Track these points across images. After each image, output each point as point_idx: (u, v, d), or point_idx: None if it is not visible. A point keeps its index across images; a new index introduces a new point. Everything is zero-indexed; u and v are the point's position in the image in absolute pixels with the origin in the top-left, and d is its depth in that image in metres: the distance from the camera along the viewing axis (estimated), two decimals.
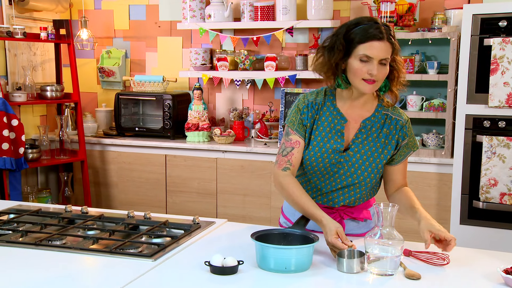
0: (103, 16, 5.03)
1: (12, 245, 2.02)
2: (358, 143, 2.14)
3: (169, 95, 4.49)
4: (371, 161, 2.14)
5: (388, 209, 1.85)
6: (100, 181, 4.62)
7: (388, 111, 2.16)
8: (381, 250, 1.83)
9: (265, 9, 4.32)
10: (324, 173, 2.16)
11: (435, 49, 3.99)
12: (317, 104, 2.17)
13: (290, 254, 1.84)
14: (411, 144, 2.19)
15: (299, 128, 2.17)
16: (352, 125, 2.15)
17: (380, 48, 1.99)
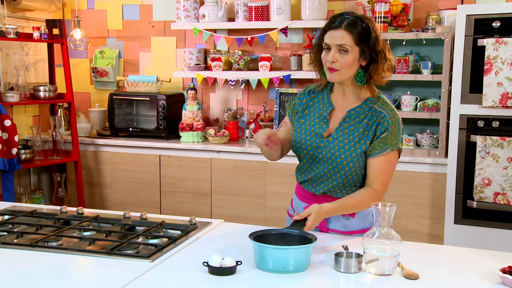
0: (96, 16, 5.01)
1: (7, 247, 2.01)
2: (339, 131, 2.21)
3: (163, 95, 4.47)
4: (346, 148, 2.18)
5: (386, 209, 1.85)
6: (94, 181, 4.60)
7: (375, 104, 2.20)
8: (379, 250, 1.83)
9: (260, 9, 4.31)
10: (307, 157, 2.26)
11: (429, 49, 4.00)
12: (314, 92, 2.32)
13: (288, 255, 1.84)
14: (390, 141, 2.17)
15: (290, 112, 2.38)
16: (338, 113, 2.24)
17: (335, 35, 2.10)
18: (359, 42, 2.09)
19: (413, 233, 3.82)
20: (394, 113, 2.20)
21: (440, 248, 2.30)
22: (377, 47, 2.12)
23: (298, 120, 2.32)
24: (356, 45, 2.09)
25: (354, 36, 2.08)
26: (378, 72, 2.15)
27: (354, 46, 2.09)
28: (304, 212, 2.07)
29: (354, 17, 2.12)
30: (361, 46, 2.10)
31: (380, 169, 2.17)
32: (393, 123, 2.17)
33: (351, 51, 2.09)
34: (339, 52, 2.10)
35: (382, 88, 4.06)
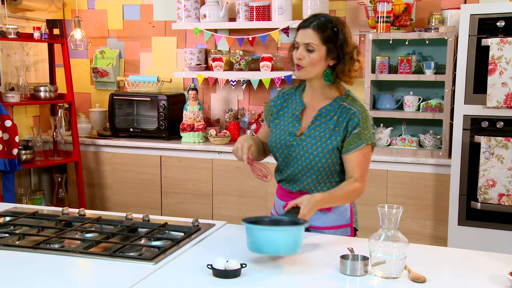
0: (97, 16, 4.98)
1: (9, 249, 1.98)
2: (311, 129, 2.29)
3: (164, 95, 4.45)
4: (318, 145, 2.25)
5: (393, 211, 1.83)
6: (94, 182, 4.57)
7: (345, 102, 2.28)
8: (386, 252, 1.81)
9: (261, 9, 4.29)
10: (282, 156, 2.33)
11: (432, 49, 3.98)
12: (288, 94, 2.42)
13: (280, 236, 1.85)
14: (364, 136, 2.23)
15: (267, 115, 2.46)
16: (310, 112, 2.32)
17: (303, 34, 2.21)
18: (326, 41, 2.18)
19: (416, 235, 3.80)
20: (364, 109, 2.28)
21: (446, 250, 2.28)
22: (344, 48, 2.21)
23: (273, 121, 2.40)
24: (323, 45, 2.18)
25: (321, 36, 2.18)
26: (344, 72, 2.23)
27: (320, 45, 2.18)
28: (295, 201, 2.09)
29: (326, 19, 2.21)
30: (327, 46, 2.19)
31: (357, 163, 2.24)
32: (363, 118, 2.25)
33: (317, 50, 2.18)
34: (306, 50, 2.20)
35: (385, 88, 4.08)
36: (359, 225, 2.49)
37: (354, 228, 2.42)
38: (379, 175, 3.86)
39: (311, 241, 2.19)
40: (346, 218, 2.37)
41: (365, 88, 3.88)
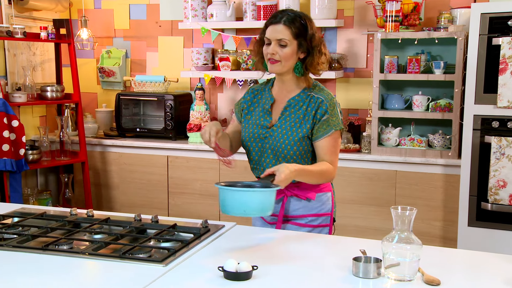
0: (103, 16, 4.97)
1: (18, 250, 1.96)
2: (281, 120, 2.37)
3: (171, 95, 4.43)
4: (289, 135, 2.33)
5: (406, 213, 1.80)
6: (101, 182, 4.56)
7: (312, 92, 2.38)
8: (399, 255, 1.78)
9: (268, 8, 4.26)
10: (256, 150, 2.41)
11: (441, 48, 3.94)
12: (258, 89, 2.51)
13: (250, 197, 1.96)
14: (332, 122, 2.33)
15: (237, 111, 2.54)
16: (280, 105, 2.41)
17: (275, 30, 2.28)
18: (297, 36, 2.28)
19: (425, 236, 3.76)
20: (331, 96, 2.37)
21: (458, 252, 2.25)
22: (313, 42, 2.32)
23: (244, 117, 2.48)
24: (294, 39, 2.28)
25: (292, 31, 2.27)
26: (313, 64, 2.34)
27: (292, 40, 2.28)
28: (272, 168, 2.15)
29: (294, 14, 2.31)
30: (298, 40, 2.29)
31: (328, 148, 2.33)
32: (331, 105, 2.34)
33: (290, 45, 2.28)
34: (279, 46, 2.28)
35: (393, 88, 4.04)
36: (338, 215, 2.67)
37: (333, 218, 2.49)
38: (387, 176, 3.83)
39: (321, 242, 2.17)
40: (328, 207, 2.45)
41: (374, 87, 3.85)
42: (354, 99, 4.34)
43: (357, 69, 4.33)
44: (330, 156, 2.34)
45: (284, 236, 2.25)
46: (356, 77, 4.33)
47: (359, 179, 3.90)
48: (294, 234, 2.29)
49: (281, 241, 2.17)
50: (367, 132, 3.98)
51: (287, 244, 2.12)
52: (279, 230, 2.35)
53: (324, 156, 2.34)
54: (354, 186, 3.91)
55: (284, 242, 2.15)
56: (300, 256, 1.99)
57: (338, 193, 3.94)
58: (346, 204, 3.93)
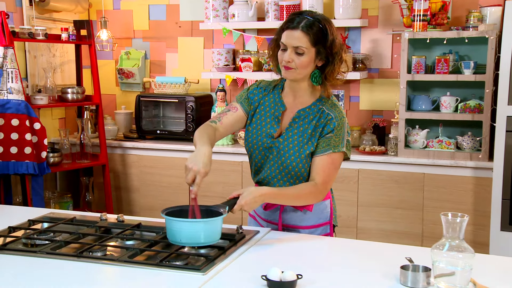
0: (122, 17, 4.91)
1: (52, 257, 1.89)
2: (288, 131, 2.22)
3: (192, 96, 4.36)
4: (295, 150, 2.19)
5: (457, 220, 1.72)
6: (121, 185, 4.50)
7: (324, 106, 2.22)
8: (450, 263, 1.70)
9: (291, 8, 4.19)
10: (259, 157, 2.27)
11: (469, 48, 3.85)
12: (266, 90, 2.32)
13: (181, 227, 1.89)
14: (334, 143, 2.18)
15: (244, 102, 2.32)
16: (289, 114, 2.25)
17: (292, 36, 2.10)
18: (315, 43, 2.10)
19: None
20: (342, 115, 2.21)
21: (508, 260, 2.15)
22: (333, 49, 2.13)
23: (251, 118, 2.31)
24: (312, 47, 2.11)
25: (310, 38, 2.09)
26: (333, 74, 2.18)
27: (310, 48, 2.10)
28: (237, 191, 2.06)
29: (313, 18, 2.11)
30: (317, 48, 2.12)
31: (322, 167, 2.18)
32: (339, 125, 2.19)
33: (307, 53, 2.11)
34: (295, 53, 2.11)
35: (419, 89, 3.96)
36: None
37: (333, 224, 2.37)
38: (415, 178, 3.74)
39: (363, 249, 2.09)
40: (326, 215, 2.33)
41: (401, 89, 3.77)
42: (379, 100, 4.26)
43: (381, 70, 4.24)
44: (321, 176, 2.17)
45: (323, 242, 2.18)
46: (381, 78, 4.25)
47: (385, 182, 3.82)
48: (333, 240, 2.21)
49: (321, 248, 2.10)
50: (393, 134, 3.90)
51: (328, 251, 2.05)
52: (316, 236, 2.27)
53: (315, 175, 2.18)
54: (380, 189, 3.83)
55: (324, 249, 2.08)
56: (344, 264, 1.91)
57: (363, 196, 3.88)
58: (371, 207, 3.85)
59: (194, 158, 2.03)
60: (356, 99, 4.32)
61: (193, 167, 2.01)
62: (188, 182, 2.03)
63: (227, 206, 2.04)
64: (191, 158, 2.03)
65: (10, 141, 3.57)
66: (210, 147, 2.09)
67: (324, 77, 2.19)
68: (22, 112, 3.59)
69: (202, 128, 2.23)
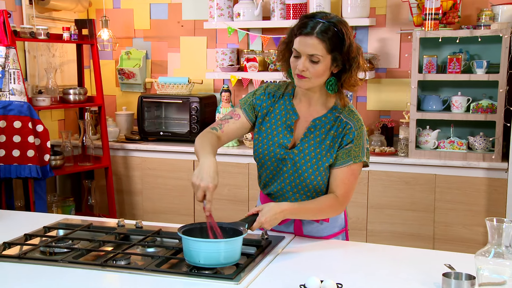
0: (123, 16, 4.81)
1: (76, 266, 1.80)
2: (304, 143, 2.08)
3: (196, 97, 4.27)
4: (313, 162, 2.06)
5: (503, 225, 1.65)
6: (124, 188, 4.40)
7: (341, 114, 2.08)
8: (495, 271, 1.63)
9: (298, 7, 4.11)
10: (271, 169, 2.13)
11: (480, 47, 3.80)
12: (275, 96, 2.15)
13: (199, 247, 1.75)
14: (354, 153, 2.05)
15: (248, 109, 2.16)
16: (303, 123, 2.11)
17: (306, 43, 1.94)
18: (332, 50, 1.94)
19: (468, 242, 3.62)
20: (360, 123, 2.08)
21: None
22: (350, 55, 1.98)
23: (258, 126, 2.16)
24: (328, 54, 1.95)
25: (326, 45, 1.93)
26: (351, 81, 2.03)
27: (326, 55, 1.95)
28: (257, 207, 1.98)
29: (328, 22, 1.95)
30: (333, 55, 1.96)
31: (342, 179, 2.06)
32: (359, 134, 2.06)
33: (323, 61, 1.95)
34: (310, 61, 1.95)
35: (429, 88, 3.90)
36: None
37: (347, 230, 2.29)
38: (426, 179, 3.68)
39: (398, 255, 2.02)
40: (341, 223, 2.24)
41: (412, 88, 3.71)
42: (386, 101, 4.20)
43: (389, 69, 4.18)
44: (342, 189, 2.06)
45: (354, 248, 2.10)
46: (388, 78, 4.18)
47: (396, 183, 3.75)
48: (364, 246, 2.14)
49: (353, 255, 2.02)
50: (403, 135, 3.84)
51: (361, 258, 1.97)
52: (344, 242, 2.20)
53: (335, 188, 2.07)
54: (391, 190, 3.76)
55: (357, 256, 2.00)
56: (380, 271, 1.84)
57: (374, 198, 3.82)
58: (382, 209, 3.78)
59: (200, 173, 1.89)
60: (363, 99, 4.26)
61: (201, 183, 1.87)
62: (199, 199, 1.89)
63: (246, 223, 1.94)
64: (196, 174, 1.89)
65: (13, 144, 3.45)
66: (214, 157, 1.96)
67: (341, 85, 2.04)
68: (25, 114, 3.48)
69: (203, 136, 2.10)
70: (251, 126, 2.20)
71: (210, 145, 2.04)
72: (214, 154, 2.00)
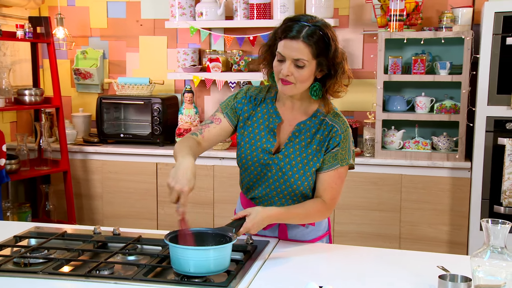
0: (78, 14, 4.64)
1: (57, 277, 1.69)
2: (289, 147, 2.04)
3: (159, 98, 4.16)
4: (299, 167, 2.02)
5: (498, 227, 1.65)
6: (82, 192, 4.24)
7: (326, 117, 2.03)
8: (490, 273, 1.63)
9: (261, 7, 4.07)
10: (255, 173, 2.08)
11: (440, 48, 3.87)
12: (256, 99, 2.10)
13: (188, 255, 1.68)
14: (341, 156, 2.02)
15: (229, 113, 2.10)
16: (286, 127, 2.06)
17: (291, 47, 1.88)
18: (318, 55, 1.89)
19: (433, 241, 3.67)
20: (346, 126, 2.04)
21: None
22: (336, 60, 1.93)
23: (240, 130, 2.11)
24: (314, 59, 1.89)
25: (312, 49, 1.87)
26: (335, 86, 1.97)
27: (311, 60, 1.89)
28: (243, 211, 1.93)
29: (314, 25, 1.89)
30: (318, 59, 1.90)
31: (329, 183, 2.03)
32: (345, 137, 2.03)
33: (308, 65, 1.89)
34: (295, 66, 1.89)
35: (392, 89, 3.93)
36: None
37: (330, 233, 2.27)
38: (393, 180, 3.71)
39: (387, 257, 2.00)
40: (325, 226, 2.21)
41: (378, 89, 3.73)
42: (350, 101, 4.20)
43: (352, 70, 4.14)
44: (329, 194, 2.02)
45: (340, 252, 2.06)
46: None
47: (363, 184, 3.76)
48: (352, 249, 2.11)
49: (342, 258, 1.98)
50: (369, 135, 3.85)
51: (351, 261, 1.94)
52: (333, 245, 2.16)
53: (322, 192, 2.03)
54: (358, 191, 3.77)
55: (346, 259, 1.96)
56: (375, 274, 1.81)
57: (340, 199, 3.80)
58: (349, 210, 3.78)
59: (175, 174, 1.79)
60: None
61: (176, 185, 1.77)
62: (173, 202, 1.79)
63: (233, 228, 1.88)
64: (172, 175, 1.79)
65: None
66: (193, 159, 1.87)
67: (325, 91, 1.99)
68: None
69: (182, 140, 2.03)
70: (233, 130, 2.14)
71: (188, 147, 1.96)
72: (193, 156, 1.92)
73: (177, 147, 1.99)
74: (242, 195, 2.24)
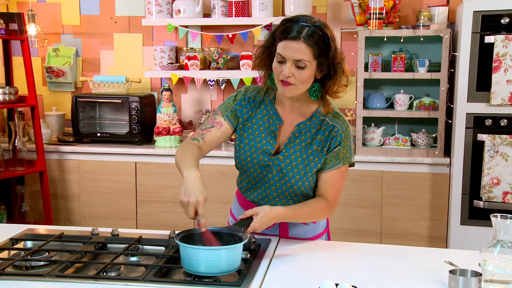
0: (49, 10, 4.53)
1: (66, 280, 1.64)
2: (289, 148, 2.04)
3: (136, 96, 4.10)
4: (300, 168, 2.02)
5: (507, 222, 1.68)
6: (59, 193, 4.14)
7: (326, 117, 2.04)
8: (500, 267, 1.66)
9: (240, 4, 4.05)
10: (255, 176, 2.08)
11: (418, 46, 3.93)
12: (255, 101, 2.09)
13: (199, 255, 1.66)
14: (342, 155, 2.03)
15: (230, 115, 2.09)
16: (286, 128, 2.06)
17: (293, 48, 1.87)
18: (318, 55, 1.89)
19: (413, 236, 3.73)
20: (346, 125, 2.05)
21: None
22: (335, 60, 1.93)
23: (239, 132, 2.10)
24: (315, 59, 1.89)
25: (313, 50, 1.87)
26: (335, 86, 1.98)
27: (312, 61, 1.89)
28: (251, 210, 1.91)
29: (313, 25, 1.89)
30: (319, 60, 1.91)
31: (332, 183, 2.04)
32: (346, 136, 2.04)
33: (309, 66, 1.89)
34: (296, 67, 1.89)
35: (372, 87, 3.98)
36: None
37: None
38: (374, 176, 3.75)
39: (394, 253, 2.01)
40: (323, 223, 2.23)
41: (358, 86, 3.76)
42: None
43: None
44: (331, 193, 2.03)
45: (344, 249, 2.07)
46: None
47: None
48: (355, 246, 2.11)
49: (351, 255, 1.99)
50: None
51: (360, 258, 1.94)
52: (337, 243, 2.16)
53: (325, 191, 2.04)
54: None
55: (355, 256, 1.97)
56: (388, 271, 1.82)
57: None
58: None
59: (186, 190, 1.77)
60: None
61: (190, 199, 1.75)
62: (191, 217, 1.78)
63: (241, 227, 1.85)
64: (183, 192, 1.78)
65: None
66: (197, 170, 1.85)
67: (325, 92, 1.99)
68: None
69: (184, 147, 2.01)
70: (233, 132, 2.13)
71: (192, 157, 1.94)
72: (197, 167, 1.89)
73: (179, 155, 1.96)
74: (240, 195, 2.22)
